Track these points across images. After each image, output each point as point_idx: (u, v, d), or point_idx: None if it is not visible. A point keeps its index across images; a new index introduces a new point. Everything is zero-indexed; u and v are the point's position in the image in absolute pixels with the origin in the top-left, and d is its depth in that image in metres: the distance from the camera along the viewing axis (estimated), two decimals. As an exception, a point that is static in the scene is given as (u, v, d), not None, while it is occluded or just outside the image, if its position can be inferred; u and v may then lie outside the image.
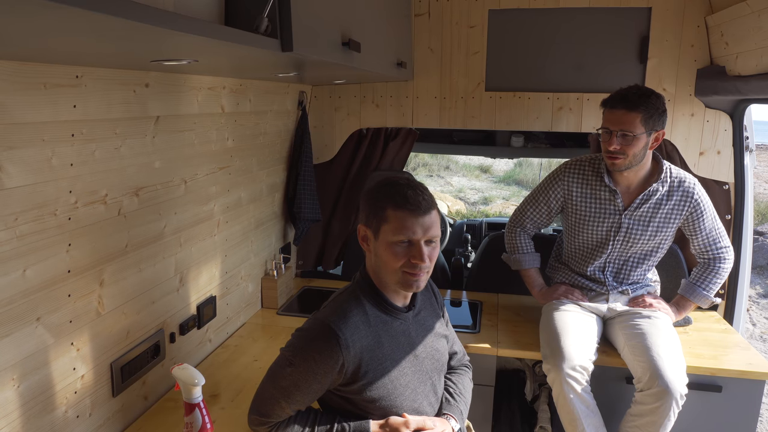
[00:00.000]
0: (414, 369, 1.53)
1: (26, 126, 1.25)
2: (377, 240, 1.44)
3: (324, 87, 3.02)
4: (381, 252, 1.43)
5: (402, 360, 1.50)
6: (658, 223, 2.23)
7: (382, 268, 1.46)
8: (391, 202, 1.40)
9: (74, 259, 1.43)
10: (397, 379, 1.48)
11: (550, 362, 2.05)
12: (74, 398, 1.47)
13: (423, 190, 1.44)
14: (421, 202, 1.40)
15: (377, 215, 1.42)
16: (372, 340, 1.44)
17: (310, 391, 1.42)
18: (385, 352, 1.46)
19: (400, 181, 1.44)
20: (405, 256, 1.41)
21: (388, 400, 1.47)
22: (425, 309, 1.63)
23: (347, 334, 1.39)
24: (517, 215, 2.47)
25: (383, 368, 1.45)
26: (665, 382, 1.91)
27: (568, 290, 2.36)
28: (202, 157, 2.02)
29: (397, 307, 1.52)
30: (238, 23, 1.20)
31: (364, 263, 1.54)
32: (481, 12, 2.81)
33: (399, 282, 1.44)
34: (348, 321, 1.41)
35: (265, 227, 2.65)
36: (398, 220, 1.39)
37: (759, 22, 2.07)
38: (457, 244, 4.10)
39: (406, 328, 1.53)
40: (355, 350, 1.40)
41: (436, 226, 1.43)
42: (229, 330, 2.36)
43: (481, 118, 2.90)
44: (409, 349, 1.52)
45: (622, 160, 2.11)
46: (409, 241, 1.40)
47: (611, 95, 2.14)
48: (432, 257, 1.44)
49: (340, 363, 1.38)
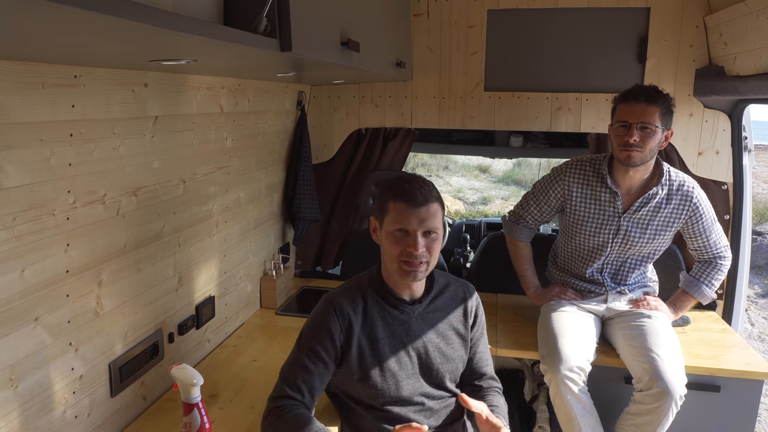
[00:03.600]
0: (405, 361, 1.59)
1: (24, 126, 1.24)
2: (382, 230, 1.57)
3: (323, 87, 3.01)
4: (383, 241, 1.56)
5: (394, 348, 1.59)
6: (656, 227, 2.23)
7: (385, 257, 1.58)
8: (391, 195, 1.53)
9: (72, 259, 1.43)
10: (386, 365, 1.57)
11: (547, 363, 2.05)
12: (72, 398, 1.47)
13: (424, 184, 1.54)
14: (417, 195, 1.50)
15: (381, 207, 1.56)
16: (367, 319, 1.58)
17: (316, 358, 1.54)
18: (378, 335, 1.58)
19: (403, 176, 1.57)
20: (402, 244, 1.51)
21: (375, 384, 1.56)
22: (442, 311, 1.66)
23: (342, 302, 1.58)
24: (516, 212, 2.46)
25: (374, 350, 1.57)
26: (665, 383, 1.91)
27: (562, 290, 2.36)
28: (201, 157, 2.02)
29: (400, 298, 1.61)
30: (237, 23, 1.20)
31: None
32: (480, 12, 2.81)
33: (397, 271, 1.54)
34: (345, 294, 1.60)
35: (264, 227, 2.65)
36: (396, 211, 1.51)
37: (757, 22, 2.07)
38: (456, 244, 4.10)
39: (405, 320, 1.61)
40: (349, 319, 1.56)
41: (434, 218, 1.52)
42: (228, 330, 2.35)
43: (480, 118, 2.90)
44: (404, 341, 1.60)
45: (639, 152, 2.09)
46: (405, 231, 1.51)
47: (628, 90, 2.13)
48: (431, 249, 1.53)
49: (335, 328, 1.54)
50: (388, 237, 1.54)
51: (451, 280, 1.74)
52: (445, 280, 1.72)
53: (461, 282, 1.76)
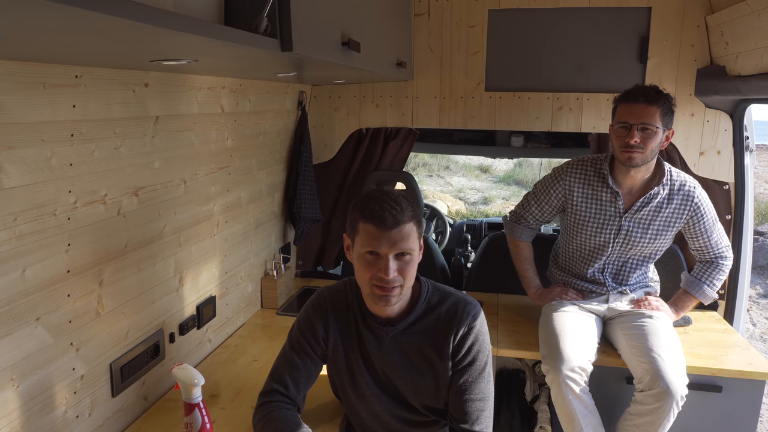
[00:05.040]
0: (376, 381, 1.57)
1: (25, 126, 1.24)
2: (353, 250, 1.47)
3: (324, 87, 3.01)
4: (355, 262, 1.47)
5: (365, 366, 1.57)
6: (658, 227, 2.23)
7: (358, 279, 1.49)
8: (360, 215, 1.41)
9: (73, 259, 1.43)
10: (356, 380, 1.57)
11: (549, 363, 2.05)
12: (74, 398, 1.47)
13: (395, 204, 1.39)
14: (387, 218, 1.36)
15: (352, 227, 1.45)
16: (346, 328, 1.57)
17: (301, 351, 1.56)
18: (352, 349, 1.57)
19: (375, 194, 1.43)
20: (373, 268, 1.41)
21: (348, 395, 1.59)
22: (421, 335, 1.52)
23: (330, 302, 1.58)
24: (518, 212, 2.46)
25: (346, 363, 1.58)
26: (666, 384, 1.91)
27: (563, 290, 2.36)
28: (202, 157, 2.02)
29: (373, 316, 1.54)
30: (237, 23, 1.20)
31: None
32: (481, 12, 2.81)
33: (369, 295, 1.46)
34: (334, 295, 1.60)
35: (265, 227, 2.65)
36: (366, 233, 1.40)
37: (759, 22, 2.07)
38: (456, 244, 4.10)
39: (378, 341, 1.54)
40: (330, 322, 1.56)
41: (406, 240, 1.39)
42: (229, 330, 2.35)
43: (481, 118, 2.90)
44: (372, 362, 1.56)
45: (640, 153, 2.08)
46: (376, 254, 1.40)
47: (627, 91, 2.12)
48: (404, 272, 1.41)
49: (318, 324, 1.56)
50: (359, 259, 1.43)
51: (448, 299, 1.55)
52: (439, 298, 1.54)
53: (461, 303, 1.54)
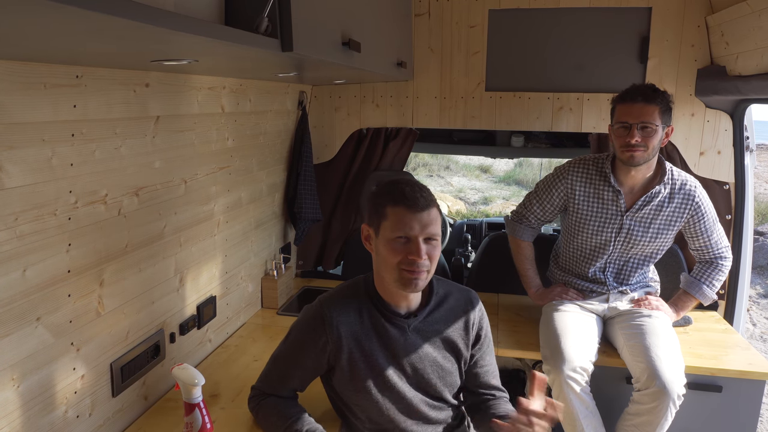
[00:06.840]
0: (401, 375, 1.54)
1: (26, 126, 1.25)
2: (378, 238, 1.46)
3: (324, 87, 3.01)
4: (381, 249, 1.45)
5: (389, 362, 1.53)
6: (659, 226, 2.23)
7: (382, 266, 1.47)
8: (389, 200, 1.43)
9: (74, 259, 1.43)
10: (381, 378, 1.52)
11: (550, 363, 2.05)
12: (74, 398, 1.47)
13: (422, 188, 1.45)
14: (419, 199, 1.41)
15: (378, 213, 1.45)
16: (360, 330, 1.52)
17: (297, 365, 1.55)
18: (373, 348, 1.52)
19: (400, 180, 1.47)
20: (403, 252, 1.41)
21: (372, 395, 1.52)
22: (441, 323, 1.57)
23: (333, 313, 1.50)
24: (519, 211, 2.46)
25: (369, 363, 1.51)
26: (663, 383, 1.91)
27: (564, 290, 2.36)
28: (202, 157, 2.02)
29: (395, 311, 1.53)
30: (238, 23, 1.20)
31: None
32: (481, 12, 2.81)
33: (397, 280, 1.44)
34: (338, 303, 1.53)
35: (265, 227, 2.65)
36: (396, 216, 1.41)
37: (759, 22, 2.07)
38: (457, 244, 4.10)
39: (401, 334, 1.53)
40: (339, 331, 1.49)
41: (435, 224, 1.43)
42: (229, 330, 2.35)
43: (482, 118, 2.90)
44: (400, 355, 1.53)
45: (642, 152, 2.09)
46: (407, 238, 1.41)
47: (625, 91, 2.13)
48: (432, 256, 1.44)
49: (323, 340, 1.50)
50: (387, 244, 1.43)
51: (452, 288, 1.63)
52: (446, 290, 1.62)
53: (464, 291, 1.65)
